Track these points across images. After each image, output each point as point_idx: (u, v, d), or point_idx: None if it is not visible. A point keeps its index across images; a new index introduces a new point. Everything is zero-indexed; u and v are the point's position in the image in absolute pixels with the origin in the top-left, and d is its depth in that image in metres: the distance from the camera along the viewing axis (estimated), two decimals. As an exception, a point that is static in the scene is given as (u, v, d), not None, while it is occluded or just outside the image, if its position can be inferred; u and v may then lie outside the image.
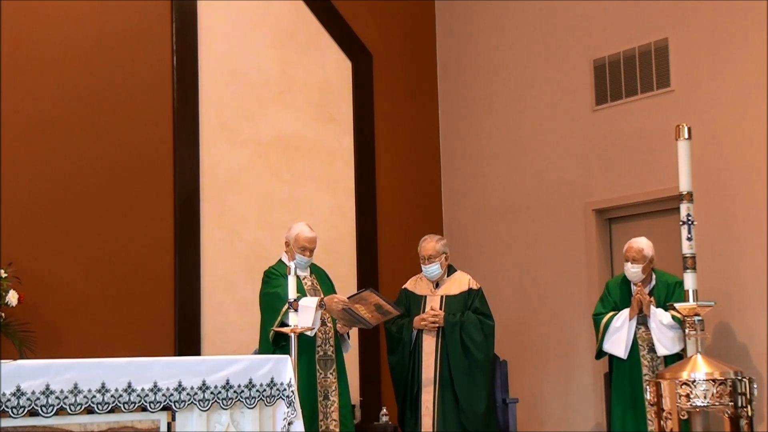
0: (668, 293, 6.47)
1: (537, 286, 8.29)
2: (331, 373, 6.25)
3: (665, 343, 6.38)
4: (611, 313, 6.59)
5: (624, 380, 6.52)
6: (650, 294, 6.53)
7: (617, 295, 6.69)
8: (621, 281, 6.75)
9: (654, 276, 6.62)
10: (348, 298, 6.19)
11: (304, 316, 5.88)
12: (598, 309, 6.75)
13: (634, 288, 6.60)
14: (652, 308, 6.45)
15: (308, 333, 5.89)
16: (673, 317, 6.29)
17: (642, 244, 6.55)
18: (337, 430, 6.19)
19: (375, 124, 8.64)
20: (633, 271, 6.54)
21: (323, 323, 6.17)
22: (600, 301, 6.80)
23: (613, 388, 6.61)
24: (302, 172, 8.18)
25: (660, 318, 6.41)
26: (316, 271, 6.48)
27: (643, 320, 6.51)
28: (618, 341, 6.50)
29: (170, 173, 7.53)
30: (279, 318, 5.94)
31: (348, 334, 6.48)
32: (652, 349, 6.47)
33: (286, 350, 5.60)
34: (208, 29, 7.83)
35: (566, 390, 8.05)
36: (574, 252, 8.04)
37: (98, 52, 7.29)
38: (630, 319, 6.49)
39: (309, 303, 5.98)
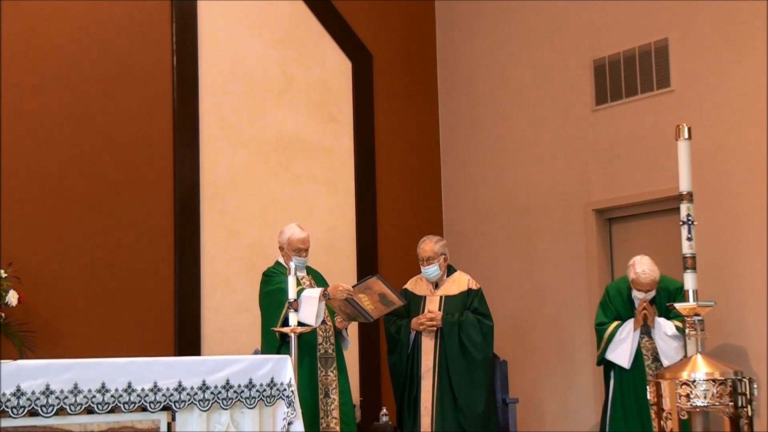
0: (669, 300, 6.44)
1: (537, 286, 8.29)
2: (331, 371, 6.26)
3: (669, 353, 6.36)
4: (615, 324, 6.55)
5: (629, 389, 6.50)
6: (652, 302, 6.51)
7: (619, 302, 6.64)
8: (622, 288, 6.69)
9: None
10: (353, 286, 6.21)
11: (306, 308, 5.88)
12: (600, 318, 6.69)
13: (636, 298, 6.57)
14: (657, 319, 6.44)
15: (312, 325, 5.90)
16: (678, 328, 6.26)
17: (653, 274, 6.45)
18: (338, 428, 6.19)
19: (375, 124, 8.64)
20: (647, 296, 6.51)
21: (323, 321, 6.17)
22: (601, 308, 6.74)
23: (614, 396, 6.58)
24: (302, 172, 8.18)
25: (664, 329, 6.40)
26: (312, 272, 6.49)
27: (646, 330, 6.49)
28: (622, 352, 6.48)
29: (170, 173, 7.53)
30: (284, 311, 5.91)
31: (346, 330, 6.48)
32: (656, 359, 6.46)
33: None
34: (208, 29, 7.83)
35: (566, 390, 8.05)
36: (574, 252, 8.04)
37: (98, 51, 7.29)
38: (634, 330, 6.48)
39: (312, 293, 5.98)
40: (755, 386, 5.32)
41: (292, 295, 5.59)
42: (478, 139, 8.81)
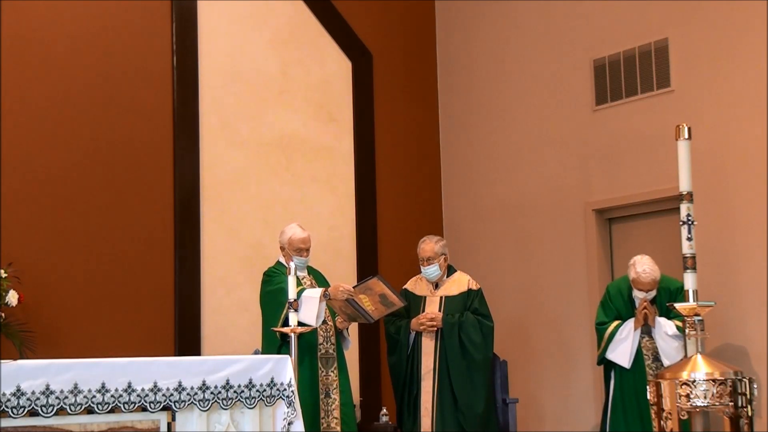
0: (670, 299, 6.43)
1: (537, 286, 8.29)
2: (332, 371, 6.26)
3: (669, 353, 6.36)
4: (615, 323, 6.56)
5: (629, 389, 6.50)
6: (653, 301, 6.51)
7: (619, 302, 6.64)
8: (622, 288, 6.69)
9: None
10: (354, 287, 6.21)
11: (307, 308, 5.88)
12: (600, 317, 6.69)
13: (636, 298, 6.57)
14: (657, 319, 6.44)
15: (312, 325, 5.89)
16: (678, 328, 6.26)
17: (654, 273, 6.45)
18: (338, 428, 6.20)
19: (375, 124, 8.64)
20: (647, 296, 6.51)
21: (324, 321, 6.18)
22: (601, 307, 6.74)
23: (615, 395, 6.58)
24: (302, 172, 8.18)
25: (665, 329, 6.40)
26: (313, 272, 6.49)
27: (647, 329, 6.49)
28: (622, 352, 6.48)
29: (170, 173, 7.53)
30: (285, 311, 5.91)
31: (347, 330, 6.49)
32: (656, 359, 6.46)
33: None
34: (208, 29, 7.83)
35: (566, 390, 8.05)
36: (574, 252, 8.04)
37: (98, 52, 7.29)
38: (635, 330, 6.48)
39: (313, 294, 5.98)
40: (755, 386, 5.32)
41: (292, 295, 5.59)
42: (478, 139, 8.81)
